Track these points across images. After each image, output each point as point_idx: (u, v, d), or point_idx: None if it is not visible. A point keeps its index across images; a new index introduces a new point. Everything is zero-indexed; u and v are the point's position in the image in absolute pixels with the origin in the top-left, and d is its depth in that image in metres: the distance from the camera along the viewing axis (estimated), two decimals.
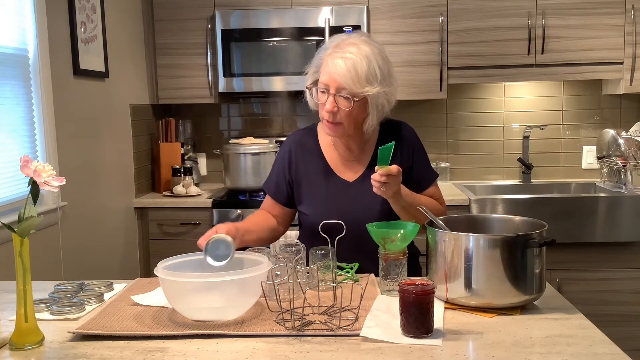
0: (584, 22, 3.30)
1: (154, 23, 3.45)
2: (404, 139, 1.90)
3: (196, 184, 3.59)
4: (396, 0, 3.35)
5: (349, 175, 1.90)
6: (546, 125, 3.67)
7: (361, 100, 1.75)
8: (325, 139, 1.94)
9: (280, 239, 2.05)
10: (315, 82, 1.81)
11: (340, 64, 1.71)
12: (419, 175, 1.91)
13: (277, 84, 3.39)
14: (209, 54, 3.42)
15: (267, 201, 2.00)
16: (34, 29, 2.40)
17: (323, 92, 1.76)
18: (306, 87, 1.86)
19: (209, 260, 1.55)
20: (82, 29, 2.74)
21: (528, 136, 3.68)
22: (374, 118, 1.80)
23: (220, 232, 1.61)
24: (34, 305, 1.35)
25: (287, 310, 1.41)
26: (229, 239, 1.58)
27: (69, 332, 1.37)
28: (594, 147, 3.66)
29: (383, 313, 1.43)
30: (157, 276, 1.43)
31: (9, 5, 2.29)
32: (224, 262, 1.55)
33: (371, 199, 1.84)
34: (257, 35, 3.36)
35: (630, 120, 3.63)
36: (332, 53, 1.74)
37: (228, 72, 3.40)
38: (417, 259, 1.98)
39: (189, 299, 1.41)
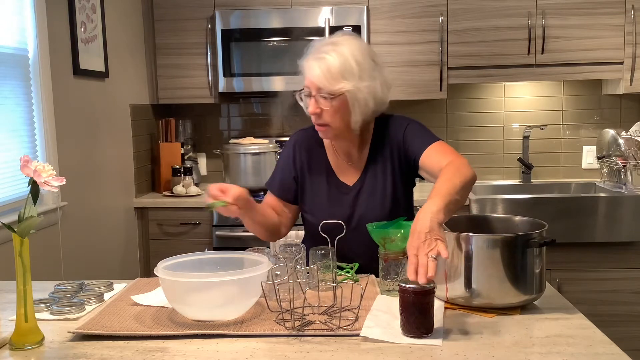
0: (584, 22, 3.30)
1: (154, 23, 3.45)
2: (391, 134, 1.87)
3: (196, 184, 3.59)
4: (396, 0, 3.35)
5: (349, 178, 1.89)
6: (546, 125, 3.67)
7: (340, 98, 1.73)
8: (328, 141, 1.94)
9: (280, 239, 2.04)
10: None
11: (314, 65, 1.73)
12: (412, 145, 1.82)
13: (277, 84, 3.39)
14: (209, 54, 3.42)
15: (270, 200, 1.96)
16: (33, 29, 2.40)
17: (307, 95, 1.78)
18: (296, 93, 1.85)
19: None
20: (82, 29, 2.74)
21: (528, 136, 3.67)
22: (357, 115, 1.77)
23: (233, 192, 1.68)
24: (34, 305, 1.35)
25: (287, 310, 1.41)
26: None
27: (69, 332, 1.37)
28: (594, 147, 3.66)
29: (383, 313, 1.43)
30: (157, 276, 1.43)
31: (9, 5, 2.29)
32: None
33: (370, 202, 1.84)
34: (257, 35, 3.36)
35: (630, 120, 3.63)
36: (309, 57, 1.76)
37: (228, 72, 3.40)
38: None
39: (189, 299, 1.40)
